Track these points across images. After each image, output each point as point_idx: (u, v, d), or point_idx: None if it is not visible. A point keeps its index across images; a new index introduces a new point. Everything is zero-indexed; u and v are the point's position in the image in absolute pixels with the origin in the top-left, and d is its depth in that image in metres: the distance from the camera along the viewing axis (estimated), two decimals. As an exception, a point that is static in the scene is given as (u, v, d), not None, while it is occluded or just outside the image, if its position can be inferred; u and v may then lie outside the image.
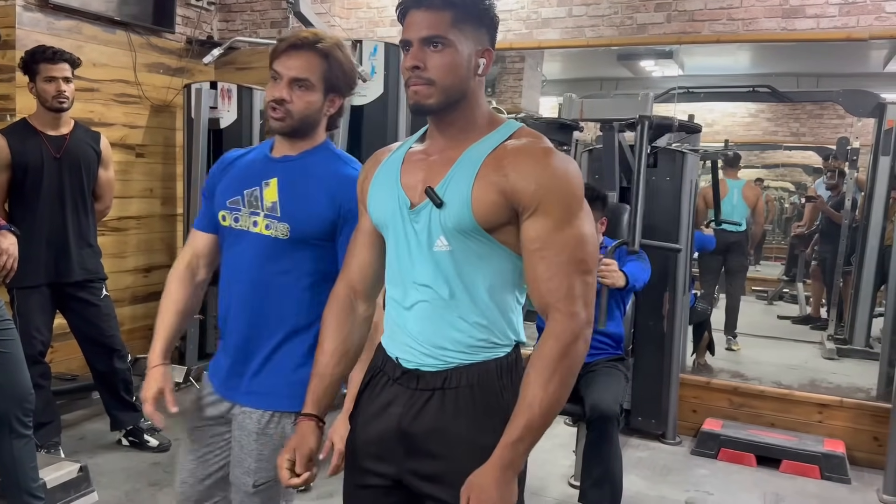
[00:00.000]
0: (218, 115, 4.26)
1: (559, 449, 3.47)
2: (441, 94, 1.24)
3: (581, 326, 1.22)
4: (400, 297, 1.35)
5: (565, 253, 1.22)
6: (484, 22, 1.27)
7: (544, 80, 5.37)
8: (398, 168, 1.35)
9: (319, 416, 1.42)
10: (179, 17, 4.50)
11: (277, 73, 1.54)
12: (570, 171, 1.25)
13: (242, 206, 1.59)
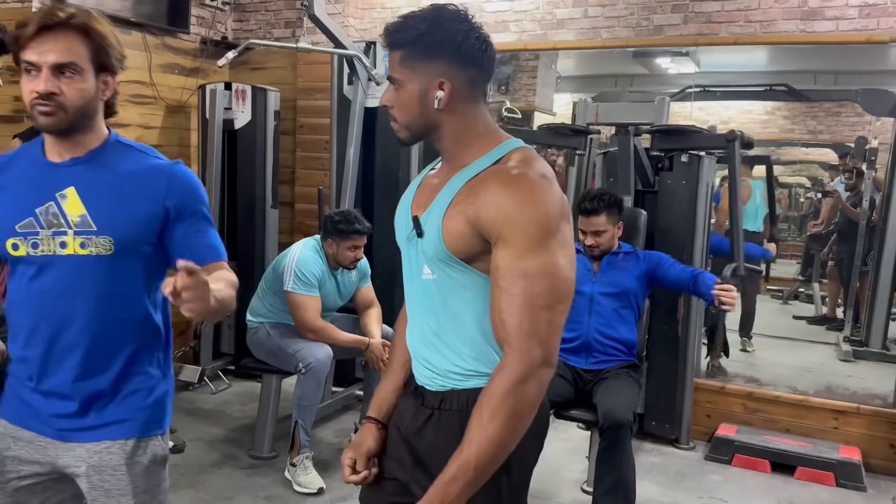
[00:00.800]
0: (232, 116, 4.27)
1: (571, 454, 3.46)
2: (404, 130, 1.29)
3: (533, 366, 1.15)
4: (410, 318, 1.39)
5: (523, 284, 1.15)
6: (435, 53, 1.23)
7: (559, 77, 5.34)
8: (413, 192, 1.38)
9: (379, 420, 1.45)
10: (194, 17, 4.50)
11: (32, 63, 1.31)
12: (539, 198, 1.18)
13: (39, 227, 1.35)
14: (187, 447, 3.36)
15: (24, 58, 1.32)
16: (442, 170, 1.33)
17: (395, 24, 1.26)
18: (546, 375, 1.17)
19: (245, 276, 4.23)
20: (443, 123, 1.26)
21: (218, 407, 3.97)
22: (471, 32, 1.24)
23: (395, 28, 1.25)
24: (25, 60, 1.32)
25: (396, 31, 1.25)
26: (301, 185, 4.59)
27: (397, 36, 1.25)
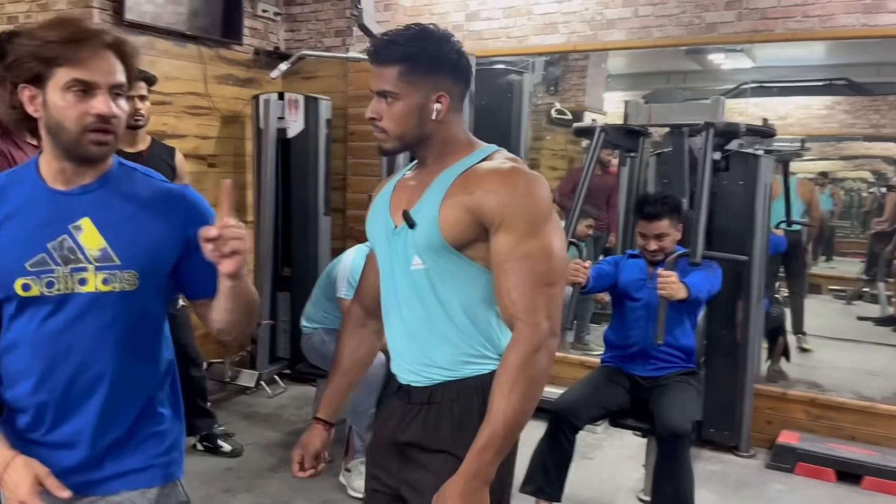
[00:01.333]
0: (286, 125, 4.34)
1: (628, 461, 3.41)
2: (395, 141, 1.36)
3: (542, 337, 1.26)
4: (389, 317, 1.45)
5: (527, 265, 1.27)
6: (437, 69, 1.34)
7: (609, 76, 5.28)
8: (389, 194, 1.46)
9: (327, 421, 1.57)
10: (247, 28, 4.60)
11: (91, 82, 1.18)
12: (533, 187, 1.30)
13: (54, 263, 1.22)
14: (245, 451, 3.43)
15: (75, 76, 1.17)
16: (420, 172, 1.42)
17: (389, 40, 1.34)
18: (553, 345, 1.28)
19: (299, 282, 4.32)
20: (434, 133, 1.37)
21: (275, 411, 4.04)
22: (462, 51, 1.37)
23: (392, 44, 1.33)
24: (78, 79, 1.17)
25: (394, 47, 1.33)
26: (352, 191, 4.64)
27: (396, 50, 1.33)
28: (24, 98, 1.21)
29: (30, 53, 1.19)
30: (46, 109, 1.21)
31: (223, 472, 3.24)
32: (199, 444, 3.44)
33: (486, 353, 1.37)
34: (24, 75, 1.20)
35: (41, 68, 1.18)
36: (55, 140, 1.23)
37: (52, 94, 1.19)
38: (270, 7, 4.78)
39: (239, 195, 4.69)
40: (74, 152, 1.22)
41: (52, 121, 1.21)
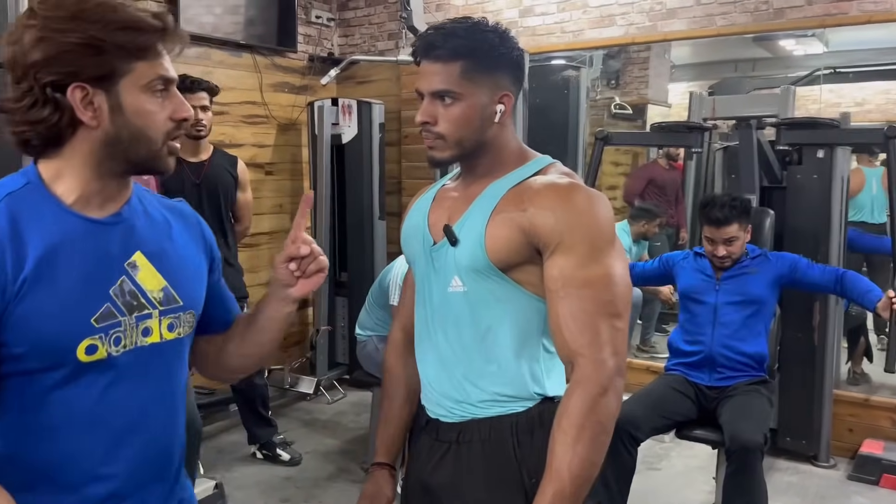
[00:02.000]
0: (340, 131, 4.33)
1: (698, 472, 3.25)
2: (454, 148, 1.21)
3: (610, 376, 1.10)
4: (421, 341, 1.30)
5: (589, 293, 1.12)
6: (500, 66, 1.20)
7: (673, 66, 5.08)
8: (428, 206, 1.31)
9: (391, 464, 1.40)
10: (301, 35, 4.61)
11: (172, 79, 1.01)
12: (595, 206, 1.16)
13: (120, 314, 0.98)
14: (304, 459, 3.42)
15: (160, 72, 0.97)
16: (463, 182, 1.28)
17: (447, 32, 1.18)
18: (621, 385, 1.13)
19: (355, 287, 4.31)
20: (492, 139, 1.23)
21: (334, 417, 4.03)
22: (522, 50, 1.23)
23: (452, 36, 1.17)
24: (163, 77, 0.97)
25: (455, 39, 1.17)
26: (407, 195, 4.60)
27: (458, 43, 1.17)
28: (74, 101, 0.91)
29: (94, 44, 0.90)
30: (117, 115, 0.94)
31: (282, 481, 3.24)
32: (258, 453, 3.45)
33: (525, 392, 1.21)
34: (83, 71, 0.91)
35: (113, 63, 0.92)
36: (120, 156, 0.96)
37: (130, 94, 0.94)
38: (324, 13, 4.79)
39: (295, 201, 4.71)
40: (143, 167, 0.99)
41: (128, 130, 0.95)
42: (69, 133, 0.94)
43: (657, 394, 2.68)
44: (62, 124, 0.93)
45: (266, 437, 3.42)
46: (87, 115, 0.93)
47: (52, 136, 0.94)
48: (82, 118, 0.93)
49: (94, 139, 0.95)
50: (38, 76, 0.90)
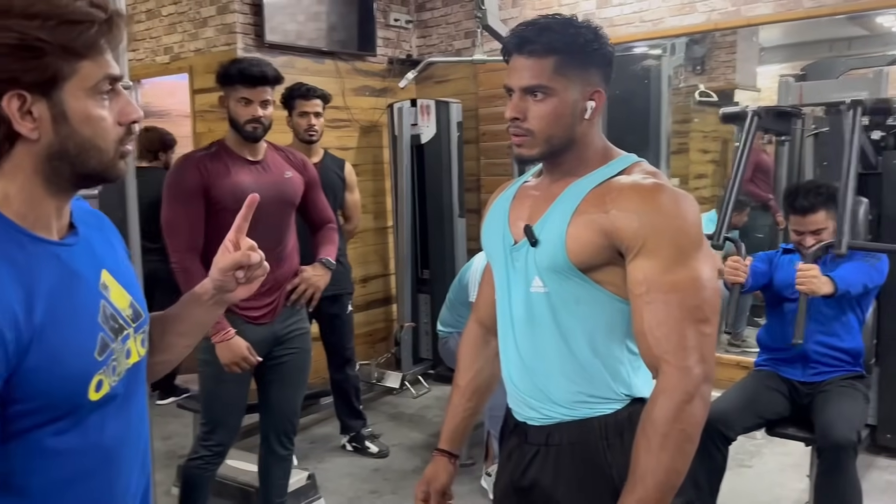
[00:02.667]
0: (419, 131, 4.42)
1: (791, 470, 3.15)
2: (543, 145, 1.20)
3: (696, 383, 1.08)
4: (504, 341, 1.30)
5: (675, 298, 1.09)
6: (593, 62, 1.19)
7: (762, 49, 4.90)
8: (508, 204, 1.30)
9: (452, 452, 1.43)
10: (380, 38, 4.72)
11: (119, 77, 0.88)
12: (682, 207, 1.13)
13: (111, 340, 0.90)
14: (391, 452, 3.52)
15: (107, 71, 0.84)
16: (545, 180, 1.27)
17: (541, 27, 1.18)
18: (708, 392, 1.10)
19: (438, 283, 4.39)
20: (580, 137, 1.21)
21: (419, 412, 4.12)
22: (613, 47, 1.22)
23: (546, 31, 1.17)
24: (111, 76, 0.85)
25: (550, 34, 1.16)
26: (486, 192, 4.64)
27: (553, 38, 1.16)
28: (10, 112, 0.79)
29: (32, 45, 0.77)
30: (61, 125, 0.82)
31: (370, 473, 3.34)
32: (348, 445, 3.57)
33: (611, 393, 1.20)
34: (21, 78, 0.78)
35: (55, 65, 0.79)
36: (68, 169, 0.84)
37: (75, 100, 0.82)
38: (402, 15, 4.88)
39: (378, 201, 4.83)
40: (95, 178, 0.88)
41: (75, 141, 0.83)
42: (5, 148, 0.81)
43: (750, 391, 2.61)
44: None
45: (356, 428, 3.55)
46: (25, 126, 0.80)
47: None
48: (20, 130, 0.80)
49: (35, 154, 0.82)
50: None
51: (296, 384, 2.51)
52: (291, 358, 2.45)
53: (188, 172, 2.24)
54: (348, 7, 4.46)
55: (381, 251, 4.88)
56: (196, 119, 4.27)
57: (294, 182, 2.41)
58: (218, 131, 4.14)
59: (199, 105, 4.24)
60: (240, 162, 2.30)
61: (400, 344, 4.49)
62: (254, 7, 4.04)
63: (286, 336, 2.42)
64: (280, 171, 2.38)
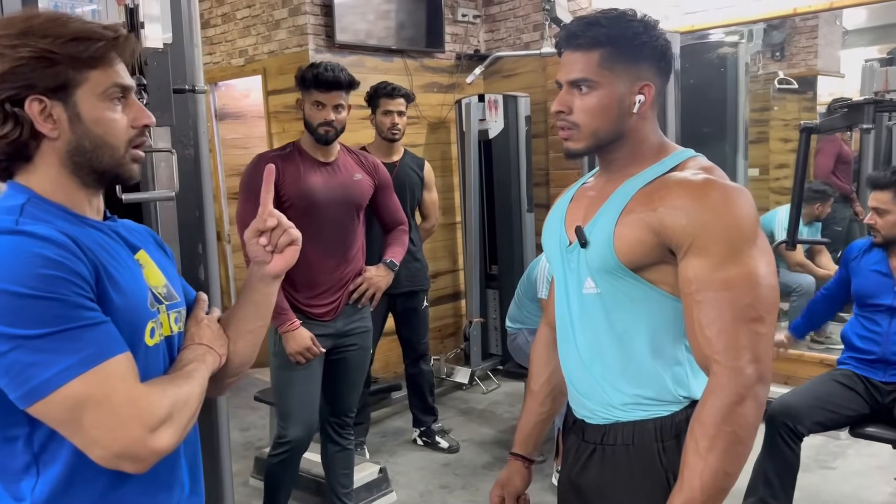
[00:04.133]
0: (487, 126, 4.41)
1: (877, 472, 3.01)
2: (589, 138, 1.19)
3: (748, 384, 1.05)
4: (563, 341, 1.30)
5: (727, 296, 1.06)
6: (642, 55, 1.18)
7: (846, 32, 4.67)
8: (566, 204, 1.31)
9: (526, 456, 1.44)
10: (448, 34, 4.73)
11: (128, 87, 1.01)
12: (733, 203, 1.10)
13: (157, 301, 1.04)
14: (461, 447, 3.54)
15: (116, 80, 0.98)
16: (601, 180, 1.27)
17: (590, 21, 1.18)
18: (763, 393, 1.06)
19: (505, 279, 4.38)
20: (630, 131, 1.20)
21: (489, 407, 4.13)
22: (668, 41, 1.19)
23: (594, 25, 1.17)
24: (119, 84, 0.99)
25: (597, 28, 1.16)
26: (555, 186, 4.60)
27: (599, 32, 1.16)
28: (32, 114, 0.92)
29: (45, 56, 0.91)
30: (76, 124, 0.95)
31: (441, 467, 3.37)
32: (419, 439, 3.61)
33: (669, 396, 1.19)
34: (38, 84, 0.92)
35: (67, 73, 0.93)
36: (86, 164, 0.97)
37: (87, 103, 0.95)
38: (470, 10, 4.87)
39: (447, 197, 4.85)
40: (109, 175, 1.00)
41: (89, 138, 0.96)
42: (34, 146, 0.95)
43: (819, 387, 2.51)
44: (24, 138, 0.93)
45: (428, 423, 3.58)
46: (46, 126, 0.94)
47: (15, 151, 0.95)
48: (42, 130, 0.94)
49: (58, 150, 0.96)
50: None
51: (354, 380, 2.57)
52: (351, 355, 2.52)
53: (258, 172, 2.27)
54: (417, 4, 4.49)
55: (450, 247, 4.90)
56: (270, 119, 4.38)
57: (363, 184, 2.47)
58: (292, 131, 4.24)
59: (273, 106, 4.35)
60: (311, 163, 2.38)
61: (469, 339, 4.50)
62: (324, 8, 4.11)
63: (348, 333, 2.48)
64: (349, 174, 2.44)
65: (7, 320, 0.83)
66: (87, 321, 0.86)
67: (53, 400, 0.84)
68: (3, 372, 0.84)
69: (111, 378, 0.86)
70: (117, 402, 0.86)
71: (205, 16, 4.82)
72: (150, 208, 1.81)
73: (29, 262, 0.85)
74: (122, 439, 0.86)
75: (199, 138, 1.94)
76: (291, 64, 4.18)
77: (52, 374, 0.84)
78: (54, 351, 0.84)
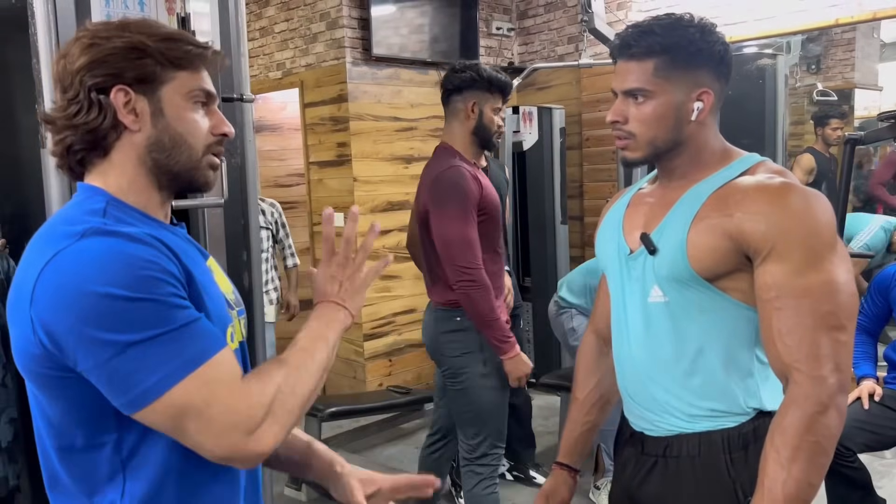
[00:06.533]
0: (521, 138, 4.41)
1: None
2: (646, 148, 1.17)
3: (830, 393, 1.02)
4: (620, 352, 1.26)
5: (807, 303, 1.04)
6: (699, 62, 1.15)
7: (883, 45, 4.60)
8: (623, 211, 1.28)
9: (571, 466, 1.41)
10: (482, 47, 4.74)
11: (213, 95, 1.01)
12: (812, 207, 1.07)
13: (230, 307, 1.04)
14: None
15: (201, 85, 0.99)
16: (661, 187, 1.24)
17: (643, 30, 1.16)
18: (843, 402, 1.04)
19: (538, 292, 4.36)
20: (689, 138, 1.18)
21: (522, 420, 4.08)
22: (727, 44, 1.17)
23: (648, 34, 1.15)
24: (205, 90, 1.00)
25: (651, 37, 1.14)
26: (589, 198, 4.57)
27: (654, 41, 1.14)
28: (116, 103, 0.92)
29: (137, 48, 0.92)
30: (158, 119, 0.94)
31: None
32: (508, 474, 3.36)
33: (737, 408, 1.15)
34: (126, 74, 0.92)
35: (155, 67, 0.93)
36: (164, 162, 0.96)
37: (171, 100, 0.95)
38: (504, 24, 4.89)
39: (481, 209, 4.85)
40: (184, 178, 0.98)
41: (169, 134, 0.95)
42: (113, 138, 0.94)
43: (861, 409, 2.45)
44: (105, 126, 0.92)
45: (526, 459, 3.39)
46: (129, 118, 0.93)
47: (94, 140, 0.93)
48: (124, 121, 0.92)
49: (138, 144, 0.94)
50: (84, 79, 0.91)
51: None
52: None
53: (472, 184, 2.17)
54: (451, 18, 4.51)
55: (483, 258, 4.89)
56: (307, 131, 4.43)
57: None
58: (327, 143, 4.29)
59: (310, 118, 4.40)
60: (477, 170, 2.29)
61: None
62: (362, 21, 4.16)
63: None
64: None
65: (108, 325, 0.81)
66: (185, 320, 0.85)
67: (156, 408, 0.83)
68: (107, 379, 0.83)
69: (211, 382, 0.85)
70: (217, 410, 0.84)
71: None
72: (198, 215, 1.84)
73: (125, 263, 0.83)
74: (225, 446, 0.85)
75: (246, 147, 1.97)
76: (328, 77, 4.23)
77: (154, 382, 0.82)
78: (156, 356, 0.83)
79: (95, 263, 0.83)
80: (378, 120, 4.27)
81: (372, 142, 4.25)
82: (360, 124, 4.19)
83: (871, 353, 2.65)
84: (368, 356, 4.30)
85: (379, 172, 4.29)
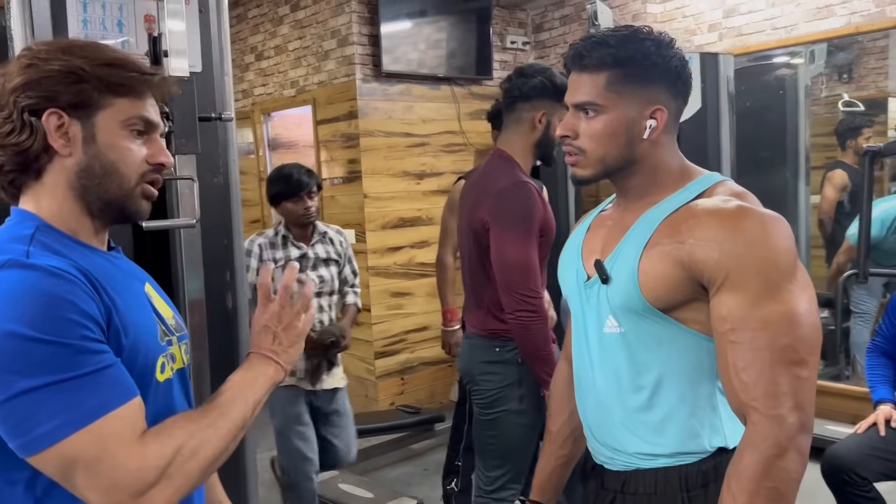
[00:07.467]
0: (539, 153, 4.35)
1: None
2: (596, 165, 1.11)
3: (789, 435, 0.95)
4: (581, 381, 1.20)
5: (765, 336, 0.97)
6: (654, 77, 1.09)
7: (918, 51, 4.45)
8: (583, 235, 1.21)
9: (543, 503, 1.35)
10: (496, 62, 4.71)
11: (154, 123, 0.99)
12: (770, 233, 1.00)
13: (169, 332, 1.01)
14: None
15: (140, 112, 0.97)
16: (620, 209, 1.17)
17: (597, 41, 1.09)
18: (806, 444, 0.95)
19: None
20: (643, 158, 1.11)
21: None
22: (685, 60, 1.10)
23: (601, 45, 1.08)
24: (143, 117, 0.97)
25: (604, 49, 1.08)
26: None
27: (606, 53, 1.07)
28: (47, 127, 0.90)
29: (75, 72, 0.90)
30: (90, 145, 0.92)
31: (481, 501, 3.26)
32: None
33: (699, 446, 1.09)
34: (60, 97, 0.90)
35: (92, 93, 0.91)
36: (94, 189, 0.93)
37: (106, 127, 0.93)
38: (519, 38, 4.85)
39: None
40: (117, 206, 0.96)
41: (100, 162, 0.93)
42: (44, 161, 0.92)
43: (874, 435, 2.32)
44: (35, 149, 0.90)
45: None
46: (59, 142, 0.91)
47: (25, 161, 0.91)
48: (54, 144, 0.91)
49: (68, 169, 0.92)
50: (17, 100, 0.89)
51: None
52: None
53: (538, 204, 1.98)
54: (466, 33, 4.49)
55: (499, 275, 4.83)
56: (320, 148, 4.43)
57: None
58: (340, 160, 4.28)
59: (322, 135, 4.40)
60: None
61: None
62: (371, 38, 4.16)
63: None
64: None
65: (8, 365, 0.79)
66: (91, 367, 0.82)
67: (47, 457, 0.81)
68: (2, 418, 0.81)
69: (106, 437, 0.82)
70: (106, 467, 0.82)
71: (258, 48, 4.94)
72: (174, 236, 1.82)
73: (38, 301, 0.81)
74: (112, 502, 0.83)
75: (229, 166, 1.94)
76: (339, 94, 4.23)
77: (47, 430, 0.80)
78: (53, 403, 0.80)
79: (8, 298, 0.81)
80: (389, 136, 4.25)
81: (383, 158, 4.23)
82: (371, 140, 4.18)
83: (890, 376, 2.52)
84: (380, 374, 4.26)
85: (390, 188, 4.27)
